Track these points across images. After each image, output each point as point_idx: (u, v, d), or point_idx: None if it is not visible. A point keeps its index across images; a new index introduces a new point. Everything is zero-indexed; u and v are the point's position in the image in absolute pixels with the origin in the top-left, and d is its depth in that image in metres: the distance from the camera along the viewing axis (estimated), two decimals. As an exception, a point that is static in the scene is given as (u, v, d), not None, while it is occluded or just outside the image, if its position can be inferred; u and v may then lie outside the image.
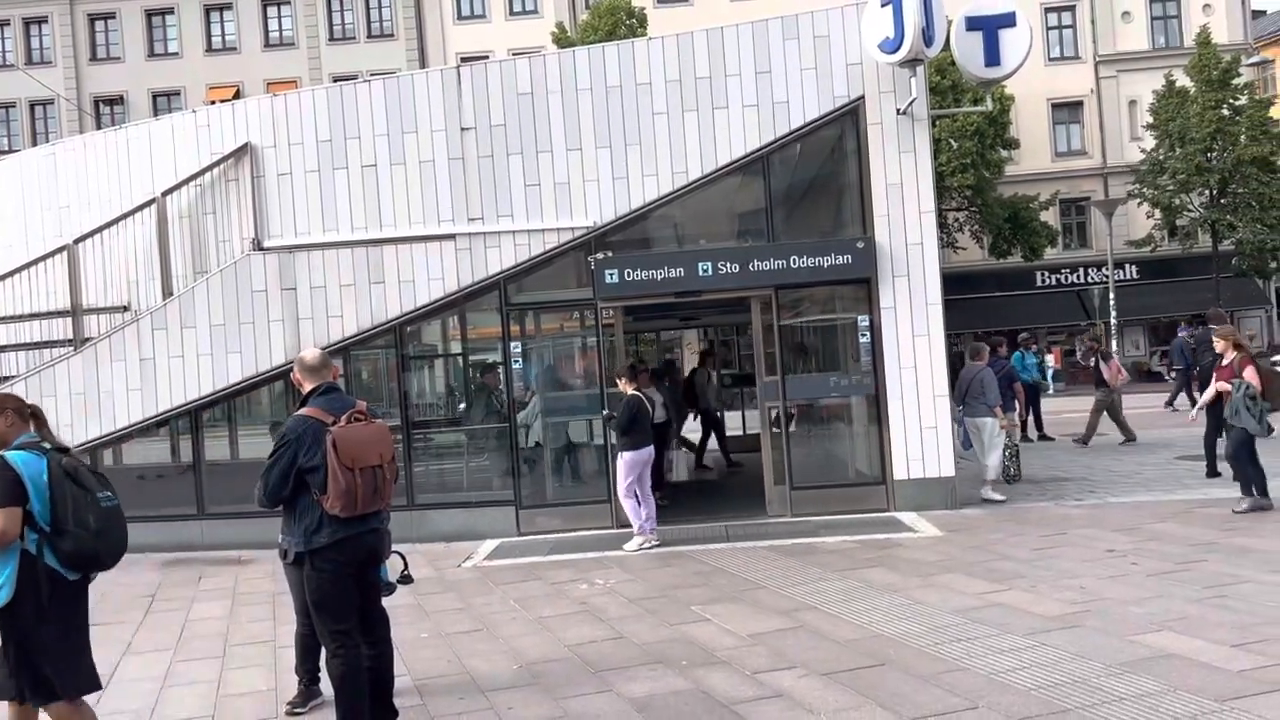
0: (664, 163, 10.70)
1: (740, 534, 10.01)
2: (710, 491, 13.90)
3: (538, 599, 7.98)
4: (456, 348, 11.91)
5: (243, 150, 11.15)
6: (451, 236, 10.82)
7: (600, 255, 10.62)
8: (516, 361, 10.93)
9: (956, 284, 34.29)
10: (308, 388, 5.16)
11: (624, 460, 9.66)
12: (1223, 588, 6.81)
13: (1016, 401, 13.54)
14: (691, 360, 37.97)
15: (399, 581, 5.79)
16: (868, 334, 10.75)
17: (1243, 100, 32.97)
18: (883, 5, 10.01)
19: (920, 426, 10.55)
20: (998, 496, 10.90)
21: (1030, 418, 16.99)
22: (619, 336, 11.70)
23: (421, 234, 10.85)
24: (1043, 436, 16.99)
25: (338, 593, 4.84)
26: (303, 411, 5.00)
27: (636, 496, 9.69)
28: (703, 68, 10.70)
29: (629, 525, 9.84)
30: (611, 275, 10.58)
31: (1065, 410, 19.74)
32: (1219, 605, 6.39)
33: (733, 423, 16.96)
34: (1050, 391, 26.04)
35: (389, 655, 5.21)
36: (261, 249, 11.04)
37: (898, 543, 9.21)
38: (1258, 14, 46.13)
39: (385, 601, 5.48)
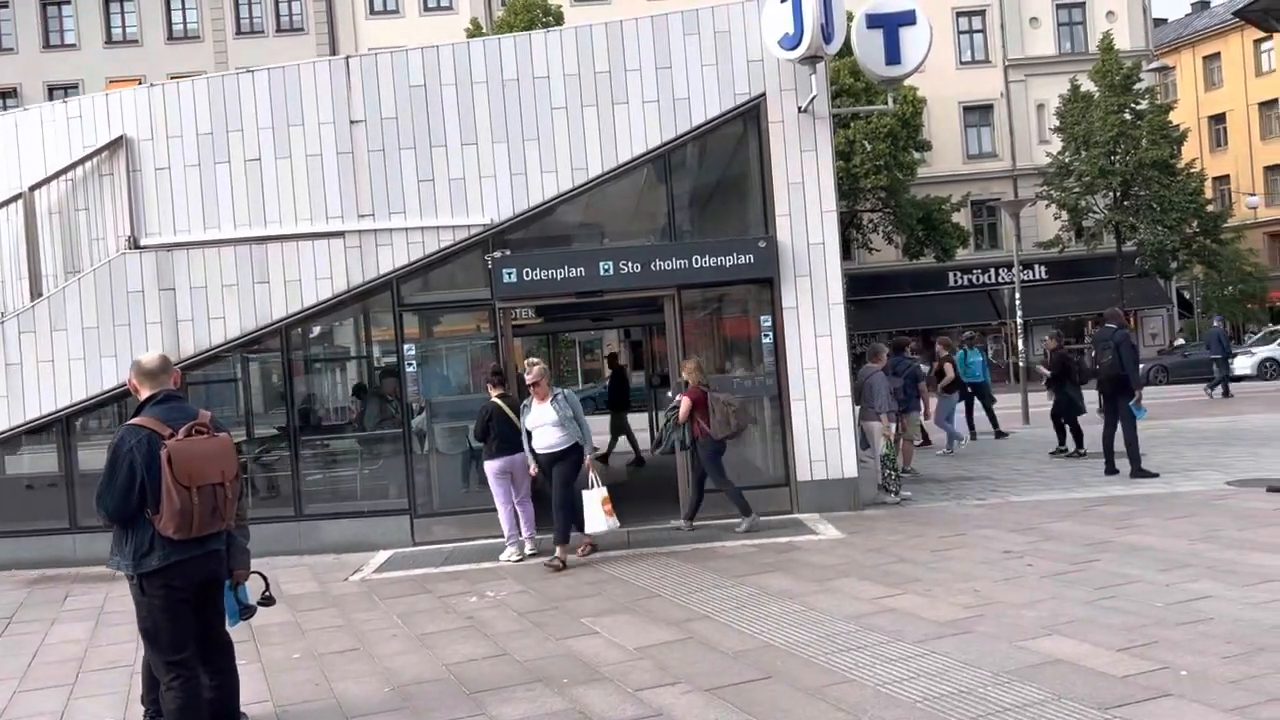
0: (563, 159, 10.40)
1: (642, 540, 9.76)
2: (624, 496, 13.60)
3: (423, 614, 7.61)
4: (348, 350, 11.45)
5: (117, 143, 10.55)
6: (341, 234, 10.37)
7: (498, 254, 10.28)
8: (411, 364, 10.52)
9: (871, 284, 34.82)
10: (144, 394, 4.73)
11: (486, 470, 9.44)
12: (1114, 588, 6.77)
13: (921, 402, 13.55)
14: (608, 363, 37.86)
15: (260, 604, 5.38)
16: (770, 334, 10.60)
17: (1144, 105, 33.96)
18: (782, 1, 9.86)
19: (823, 427, 10.44)
20: (889, 499, 10.79)
21: (983, 414, 16.88)
22: (508, 337, 11.32)
23: (309, 231, 10.39)
24: (999, 434, 16.71)
25: (171, 621, 4.44)
26: (136, 421, 4.57)
27: (521, 504, 9.47)
28: (602, 62, 10.43)
29: (530, 531, 9.56)
30: (510, 274, 10.25)
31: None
32: (1109, 607, 6.33)
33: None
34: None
35: (232, 685, 4.81)
36: (138, 247, 10.45)
37: (798, 546, 9.05)
38: (1158, 22, 47.71)
39: (256, 622, 5.09)
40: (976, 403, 17.09)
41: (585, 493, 8.99)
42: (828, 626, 6.40)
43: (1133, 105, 33.72)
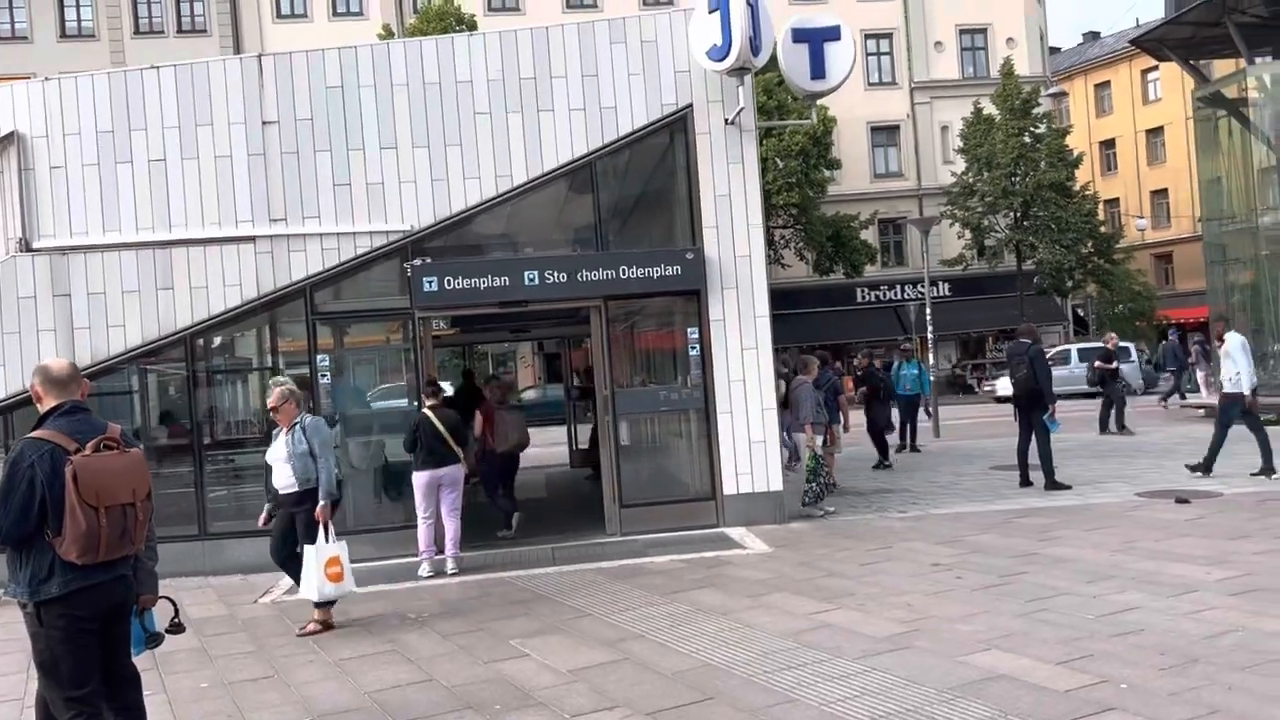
0: (487, 165, 10.14)
1: (568, 556, 9.52)
2: (549, 510, 13.33)
3: (341, 637, 7.25)
4: (258, 361, 10.96)
5: (8, 139, 9.91)
6: (251, 239, 9.92)
7: (417, 261, 9.95)
8: (324, 376, 10.09)
9: (782, 300, 34.97)
10: (48, 405, 4.32)
11: (413, 481, 9.21)
12: (1044, 600, 6.81)
13: (841, 414, 13.60)
14: (524, 375, 37.40)
15: (168, 630, 4.99)
16: (697, 347, 10.50)
17: (1042, 129, 35.19)
18: (710, 12, 9.81)
19: (749, 440, 10.37)
20: (817, 511, 10.78)
21: (907, 429, 16.77)
22: (428, 348, 11.03)
23: (217, 236, 9.91)
24: (913, 448, 16.71)
25: (73, 653, 4.05)
26: (38, 433, 4.17)
27: (446, 518, 9.18)
28: (527, 68, 10.22)
29: (454, 549, 9.25)
30: (430, 283, 9.93)
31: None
32: (1042, 620, 6.36)
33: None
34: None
35: (141, 723, 4.43)
36: (30, 250, 9.82)
37: (727, 560, 8.94)
38: (1053, 50, 49.60)
39: (160, 648, 4.70)
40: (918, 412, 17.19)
41: (308, 548, 7.45)
42: (765, 644, 6.28)
43: (1032, 129, 34.93)
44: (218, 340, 10.65)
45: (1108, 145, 52.14)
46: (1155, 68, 45.77)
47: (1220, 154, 21.86)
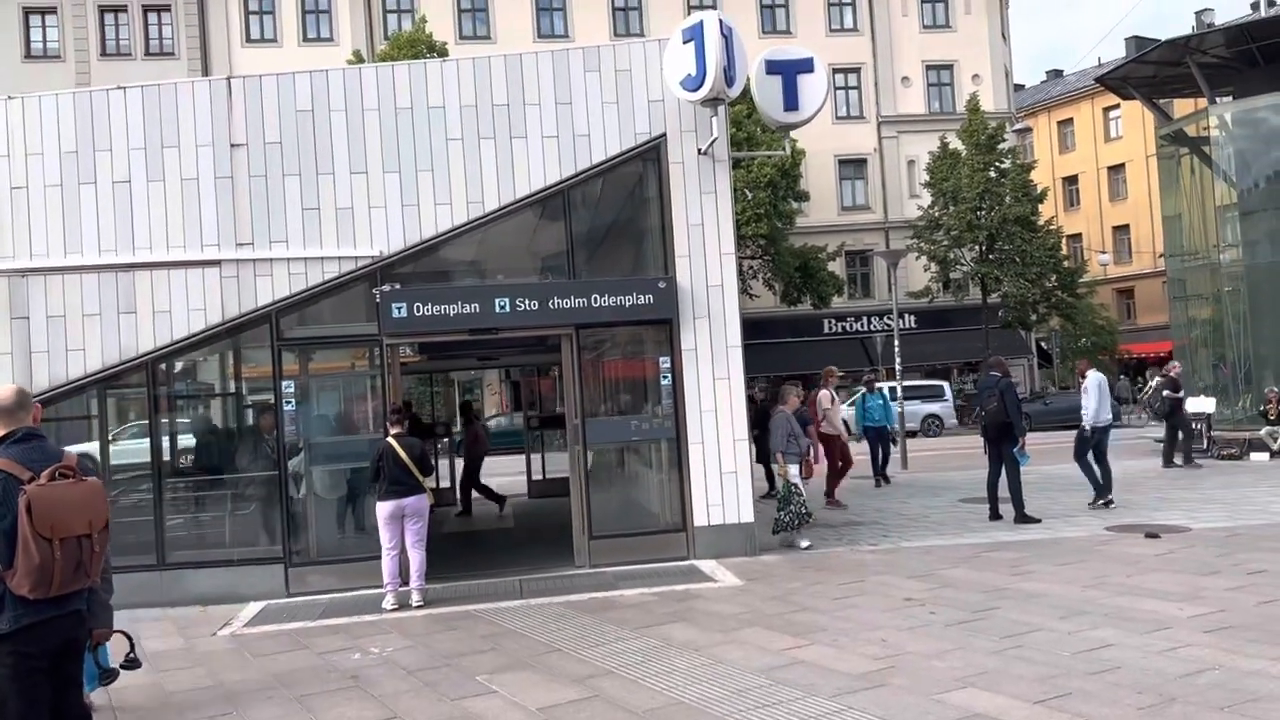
0: (458, 191, 10.06)
1: (536, 589, 9.36)
2: (516, 541, 13.15)
3: (302, 672, 7.04)
4: (221, 387, 10.74)
5: (-34, 158, 9.68)
6: (216, 263, 9.75)
7: (386, 288, 9.82)
8: (289, 403, 9.90)
9: (751, 330, 34.92)
10: (0, 433, 4.16)
11: (376, 512, 9.09)
12: (1018, 637, 6.76)
13: (811, 446, 13.54)
14: (490, 404, 37.12)
15: (123, 666, 4.82)
16: (669, 376, 10.42)
17: (1007, 164, 35.69)
18: (685, 42, 9.82)
19: (720, 471, 10.28)
20: (801, 543, 10.68)
21: (877, 459, 16.37)
22: (396, 375, 10.86)
23: (182, 259, 9.72)
24: (883, 479, 16.35)
25: (22, 693, 3.86)
26: (-12, 463, 4.01)
27: (410, 550, 9.04)
28: (500, 94, 10.17)
29: (419, 581, 9.07)
30: (399, 309, 9.78)
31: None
32: (1017, 656, 6.30)
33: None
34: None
35: (92, 765, 4.24)
36: (-13, 271, 9.57)
37: (698, 594, 8.82)
38: (1018, 87, 50.50)
39: (113, 684, 4.54)
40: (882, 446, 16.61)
41: None
42: (738, 680, 6.16)
43: (997, 164, 35.41)
44: (182, 365, 10.41)
45: (1071, 181, 53.06)
46: (1117, 105, 46.74)
47: (1181, 191, 22.22)
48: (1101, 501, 12.57)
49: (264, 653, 7.69)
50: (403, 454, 9.01)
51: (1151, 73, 21.81)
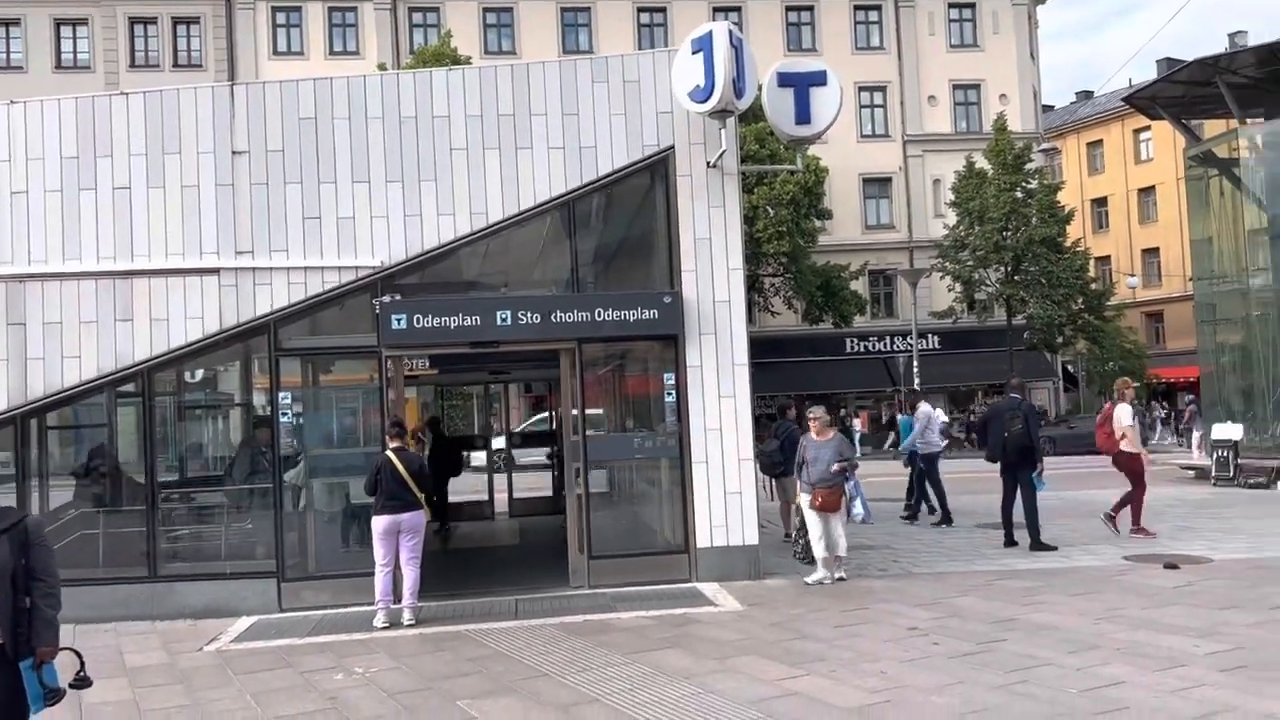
0: (461, 202, 9.89)
1: (532, 610, 9.12)
2: (516, 560, 12.93)
3: (280, 693, 6.83)
4: (219, 397, 10.61)
5: (-30, 162, 9.64)
6: (215, 271, 9.62)
7: (386, 298, 9.66)
8: (286, 414, 9.75)
9: (771, 348, 34.95)
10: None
11: (372, 527, 8.89)
12: (1024, 671, 6.45)
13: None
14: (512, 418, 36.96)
15: (72, 685, 4.61)
16: (673, 393, 10.18)
17: (1034, 184, 35.23)
18: (694, 53, 9.62)
19: (724, 491, 10.02)
20: (832, 575, 9.86)
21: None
22: (402, 386, 10.70)
23: (180, 267, 9.61)
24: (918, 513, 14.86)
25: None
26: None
27: (405, 566, 8.85)
28: (506, 104, 10.01)
29: (412, 599, 8.87)
30: (399, 321, 9.62)
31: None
32: (1022, 693, 5.99)
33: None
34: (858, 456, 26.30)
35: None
36: (-14, 276, 9.51)
37: (696, 618, 8.55)
38: (1046, 108, 50.04)
39: (87, 700, 4.33)
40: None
41: None
42: (728, 713, 5.89)
43: (1023, 184, 34.95)
44: (179, 374, 10.29)
45: (1099, 203, 52.42)
46: (1147, 127, 46.16)
47: (1211, 214, 21.78)
48: (939, 521, 13.76)
49: (247, 670, 7.50)
50: (401, 468, 8.83)
51: (1181, 93, 21.42)
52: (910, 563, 10.93)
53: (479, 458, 19.31)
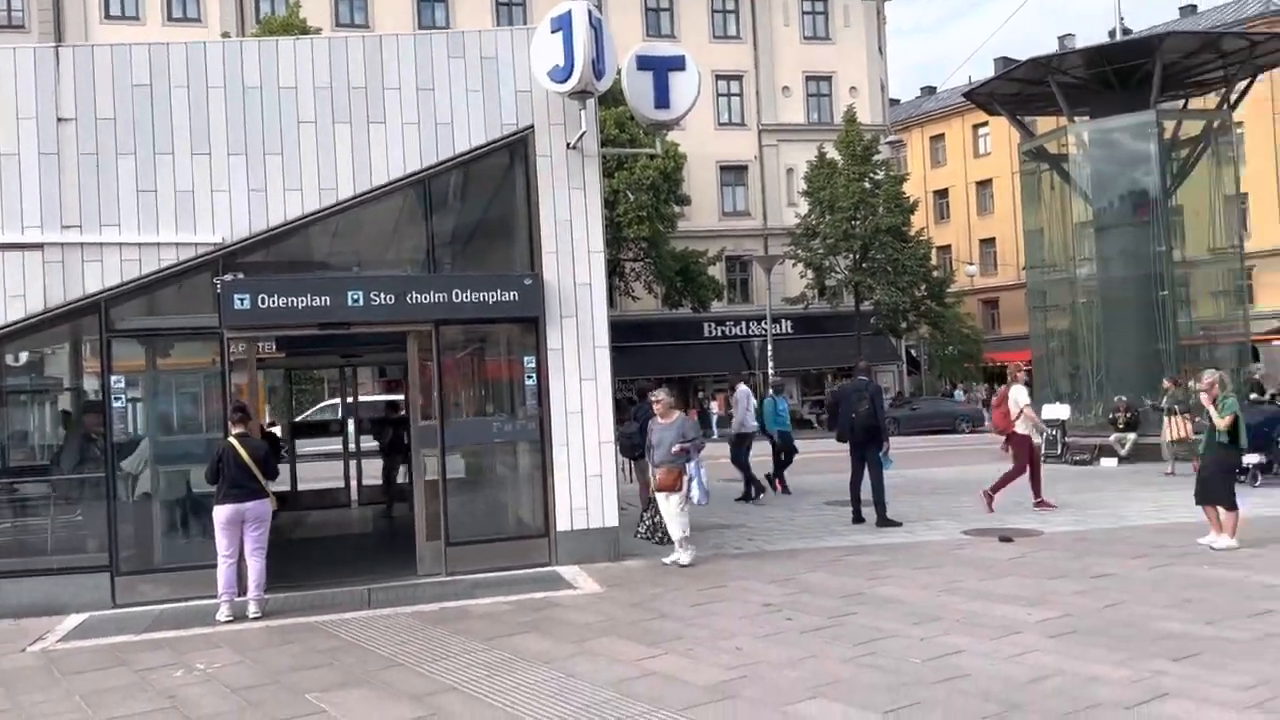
0: (310, 177, 9.50)
1: (386, 599, 8.89)
2: (369, 548, 12.60)
3: (114, 693, 6.44)
4: (44, 381, 9.91)
5: None
6: (39, 246, 8.95)
7: (228, 277, 9.20)
8: (120, 399, 9.17)
9: (632, 332, 35.20)
10: None
11: (214, 517, 8.51)
12: (872, 643, 6.68)
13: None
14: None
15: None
16: (534, 376, 10.09)
17: (881, 176, 36.56)
18: (553, 32, 9.52)
19: (585, 474, 10.01)
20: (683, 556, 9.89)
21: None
22: (252, 368, 10.25)
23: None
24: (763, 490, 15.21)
25: None
26: None
27: (249, 557, 8.51)
28: (358, 77, 9.66)
29: (257, 591, 8.51)
30: (242, 301, 9.17)
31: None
32: (869, 664, 6.20)
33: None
34: (715, 437, 26.85)
35: None
36: None
37: (556, 602, 8.51)
38: (893, 102, 51.88)
39: None
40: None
41: None
42: (587, 695, 5.88)
43: (871, 175, 36.25)
44: (-4, 357, 9.56)
45: (941, 195, 54.83)
46: (986, 123, 48.50)
47: (1042, 206, 23.05)
48: (752, 500, 14.48)
49: (75, 670, 7.04)
50: (244, 455, 8.45)
51: (1016, 90, 22.54)
52: (764, 540, 11.19)
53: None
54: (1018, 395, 12.79)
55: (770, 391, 16.82)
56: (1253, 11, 43.95)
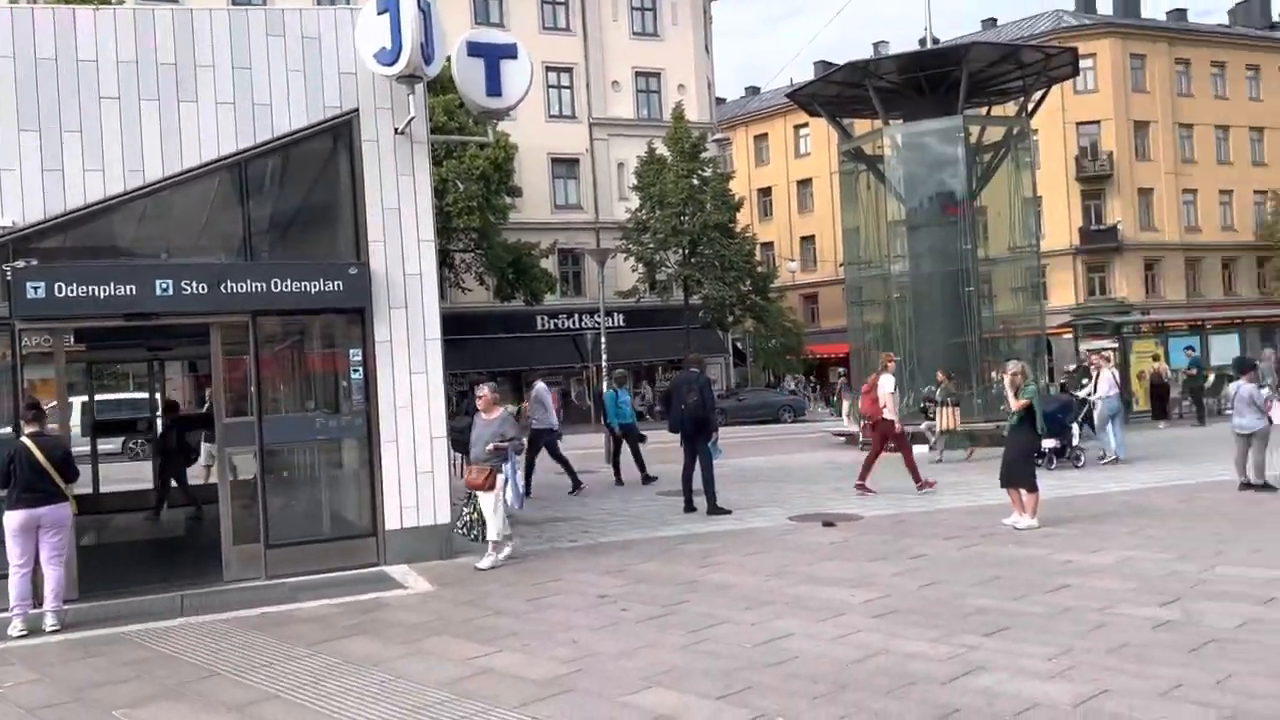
0: (114, 157, 8.85)
1: (201, 605, 8.38)
2: (181, 551, 11.86)
3: (-116, 723, 5.81)
4: None
5: None
6: None
7: (20, 263, 8.45)
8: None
9: (464, 325, 34.60)
10: None
11: (4, 524, 7.88)
12: (705, 630, 6.79)
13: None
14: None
15: None
16: (360, 369, 9.74)
17: (708, 173, 37.36)
18: (379, 13, 9.19)
19: (415, 471, 9.76)
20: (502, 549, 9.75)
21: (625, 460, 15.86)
22: (60, 362, 9.48)
23: None
24: (647, 478, 15.47)
25: None
26: None
27: (46, 566, 7.89)
28: (166, 52, 9.06)
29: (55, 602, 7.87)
30: (36, 289, 8.43)
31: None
32: (703, 651, 6.30)
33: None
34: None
35: None
36: None
37: (385, 603, 8.26)
38: (719, 100, 53.08)
39: None
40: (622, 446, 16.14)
41: None
42: (417, 697, 5.72)
43: (699, 172, 36.98)
44: None
45: (765, 193, 56.52)
46: (807, 124, 50.28)
47: (859, 205, 24.06)
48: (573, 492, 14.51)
49: None
50: (40, 456, 7.79)
51: (835, 93, 23.42)
52: (599, 532, 11.22)
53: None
54: (885, 384, 13.44)
55: (612, 385, 16.88)
56: (1045, 28, 47.36)
